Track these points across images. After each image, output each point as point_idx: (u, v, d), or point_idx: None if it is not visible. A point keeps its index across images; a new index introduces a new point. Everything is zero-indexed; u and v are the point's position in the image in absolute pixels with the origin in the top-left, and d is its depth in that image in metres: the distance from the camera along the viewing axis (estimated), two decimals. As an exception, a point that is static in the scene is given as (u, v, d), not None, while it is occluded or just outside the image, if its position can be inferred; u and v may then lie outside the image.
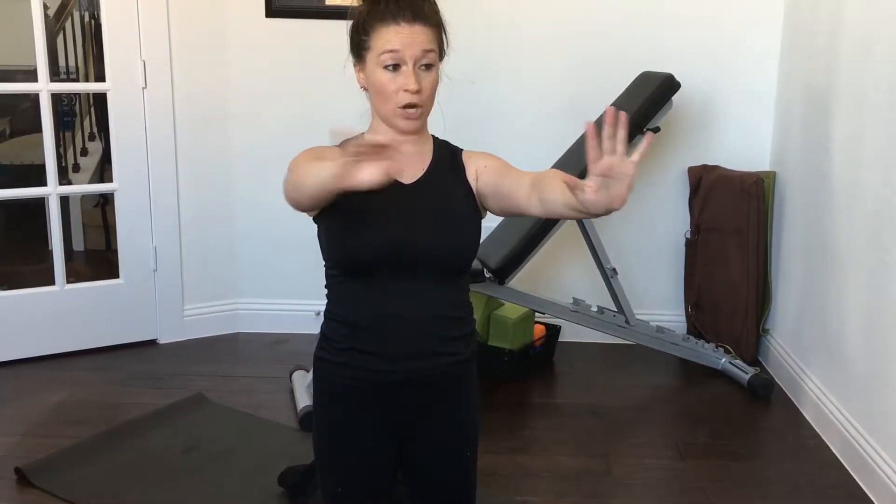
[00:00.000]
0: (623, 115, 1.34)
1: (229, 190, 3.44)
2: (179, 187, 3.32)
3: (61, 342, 3.23)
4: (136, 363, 3.18)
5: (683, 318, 3.44)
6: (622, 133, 1.34)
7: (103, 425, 2.60)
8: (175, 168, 3.30)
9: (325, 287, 1.70)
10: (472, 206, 1.70)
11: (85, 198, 4.96)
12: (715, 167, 3.28)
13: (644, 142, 1.39)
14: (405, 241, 1.57)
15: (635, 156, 1.38)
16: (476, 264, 2.88)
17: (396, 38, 1.53)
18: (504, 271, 2.79)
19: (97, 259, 4.67)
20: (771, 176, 3.17)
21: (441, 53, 1.59)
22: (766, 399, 2.91)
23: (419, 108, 1.56)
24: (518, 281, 3.00)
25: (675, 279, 3.43)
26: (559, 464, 2.09)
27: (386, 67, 1.54)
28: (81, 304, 3.25)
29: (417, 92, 1.53)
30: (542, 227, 2.82)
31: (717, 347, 3.14)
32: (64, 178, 4.61)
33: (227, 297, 3.52)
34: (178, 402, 2.78)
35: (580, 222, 2.94)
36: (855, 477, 2.36)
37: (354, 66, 1.61)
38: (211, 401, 2.82)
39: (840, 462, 2.45)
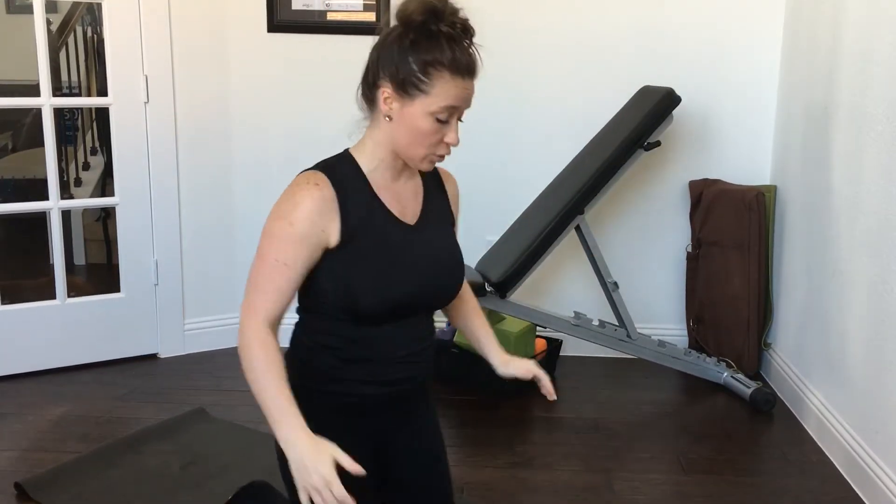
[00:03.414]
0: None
1: (230, 204, 3.44)
2: (181, 201, 3.33)
3: (62, 356, 3.22)
4: (136, 377, 3.17)
5: (685, 332, 3.44)
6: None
7: (104, 440, 2.60)
8: (176, 182, 3.30)
9: (306, 316, 1.66)
10: (453, 223, 1.73)
11: (86, 212, 4.97)
12: (716, 181, 3.28)
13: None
14: (426, 287, 1.59)
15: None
16: (477, 278, 2.88)
17: (461, 94, 1.50)
18: (505, 285, 2.79)
19: (98, 273, 4.67)
20: (772, 190, 3.17)
21: None
22: (768, 413, 2.90)
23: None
24: (519, 295, 3.00)
25: (676, 293, 3.43)
26: (561, 479, 2.08)
27: (437, 119, 1.49)
28: (82, 319, 3.24)
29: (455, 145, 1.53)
30: (544, 241, 2.82)
31: (718, 361, 3.13)
32: (66, 193, 4.62)
33: (227, 311, 3.52)
34: (179, 416, 2.77)
35: (581, 236, 2.94)
36: (858, 492, 2.35)
37: (386, 89, 1.50)
38: (211, 415, 2.81)
39: (843, 477, 2.44)
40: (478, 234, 3.34)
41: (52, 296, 3.20)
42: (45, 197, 3.15)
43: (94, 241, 4.90)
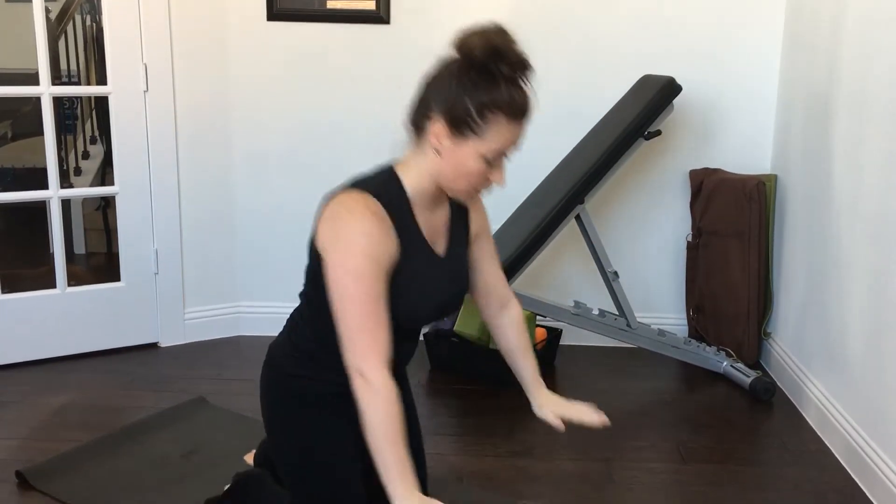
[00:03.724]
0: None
1: (230, 193, 3.44)
2: (181, 190, 3.33)
3: (62, 345, 3.23)
4: (137, 366, 3.18)
5: (685, 322, 3.44)
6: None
7: (105, 428, 2.60)
8: (176, 171, 3.30)
9: (314, 311, 1.67)
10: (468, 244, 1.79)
11: (86, 201, 4.96)
12: (716, 170, 3.27)
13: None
14: (442, 309, 1.66)
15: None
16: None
17: (514, 138, 1.51)
18: (506, 274, 2.78)
19: (98, 262, 4.68)
20: (772, 179, 3.16)
21: None
22: (767, 403, 2.91)
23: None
24: (519, 284, 3.00)
25: (676, 282, 3.43)
26: (560, 468, 2.08)
27: (486, 160, 1.50)
28: (83, 308, 3.25)
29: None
30: (544, 231, 2.81)
31: (718, 351, 3.14)
32: (65, 182, 4.62)
33: (228, 300, 3.53)
34: (180, 405, 2.78)
35: (581, 225, 2.94)
36: (857, 481, 2.36)
37: (437, 124, 1.50)
38: (212, 404, 2.82)
39: (842, 466, 2.45)
40: (478, 224, 3.34)
41: (53, 285, 3.20)
42: (44, 186, 3.15)
43: (93, 231, 4.90)
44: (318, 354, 1.67)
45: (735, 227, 3.15)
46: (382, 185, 1.56)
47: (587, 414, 1.78)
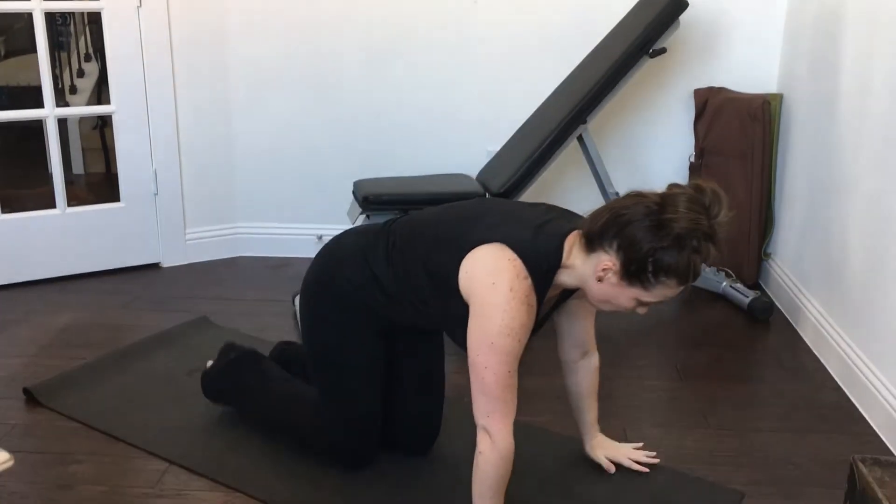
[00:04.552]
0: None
1: (228, 111, 3.40)
2: (178, 109, 3.28)
3: (64, 265, 3.24)
4: (139, 286, 3.20)
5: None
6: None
7: (109, 347, 2.64)
8: (173, 89, 3.25)
9: (384, 269, 1.80)
10: None
11: (83, 120, 4.91)
12: (721, 89, 3.23)
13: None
14: None
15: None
16: (478, 187, 2.87)
17: (674, 294, 1.57)
18: (506, 196, 2.78)
19: (98, 182, 4.66)
20: (778, 98, 3.12)
21: None
22: (765, 322, 2.94)
23: None
24: (520, 205, 2.99)
25: (677, 203, 3.42)
26: (559, 386, 2.11)
27: (639, 303, 1.59)
28: (83, 228, 3.25)
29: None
30: (545, 151, 2.79)
31: (718, 271, 3.15)
32: (61, 100, 4.56)
33: (228, 221, 3.52)
34: (183, 324, 2.80)
35: (583, 146, 2.92)
36: (851, 397, 2.39)
37: (611, 262, 1.56)
38: (215, 324, 2.84)
39: (837, 384, 2.48)
40: (479, 145, 3.32)
41: (52, 205, 3.20)
42: (39, 105, 3.11)
43: (92, 151, 4.87)
44: (391, 295, 1.80)
45: (738, 147, 3.12)
46: (544, 262, 1.61)
47: (636, 455, 2.01)
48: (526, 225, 1.64)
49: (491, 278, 1.56)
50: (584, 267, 1.60)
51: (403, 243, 1.77)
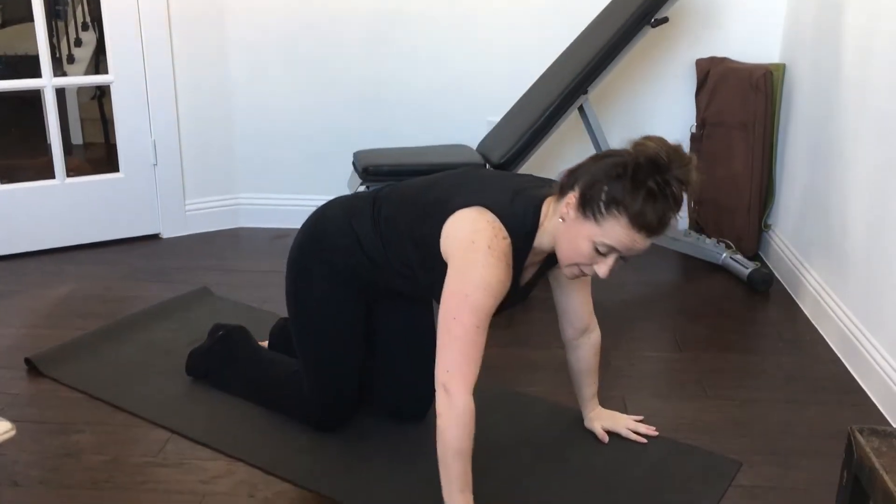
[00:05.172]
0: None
1: (227, 82, 3.37)
2: (176, 79, 3.26)
3: (63, 236, 3.24)
4: (139, 257, 3.20)
5: (686, 214, 3.44)
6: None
7: (110, 318, 2.64)
8: (171, 59, 3.23)
9: (369, 227, 1.81)
10: None
11: (81, 90, 4.88)
12: (723, 59, 3.20)
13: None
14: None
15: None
16: (478, 158, 2.86)
17: (628, 243, 1.53)
18: (506, 167, 2.77)
19: (97, 153, 4.64)
20: (780, 68, 3.10)
21: None
22: (765, 294, 2.94)
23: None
24: (520, 176, 2.98)
25: (678, 174, 3.40)
26: (557, 356, 2.12)
27: (596, 248, 1.54)
28: (82, 198, 3.24)
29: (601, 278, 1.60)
30: (546, 122, 2.77)
31: (718, 242, 3.15)
32: (58, 70, 4.53)
33: (227, 191, 3.52)
34: (184, 295, 2.81)
35: (584, 117, 2.90)
36: (849, 369, 2.40)
37: (573, 196, 1.56)
38: (216, 294, 2.85)
39: (836, 355, 2.49)
40: (479, 115, 3.30)
41: (51, 176, 3.19)
42: (37, 74, 3.08)
43: (90, 121, 4.85)
44: (376, 261, 1.82)
45: (740, 118, 3.10)
46: (521, 224, 1.63)
47: (635, 426, 2.03)
48: (505, 190, 1.67)
49: (470, 237, 1.58)
50: (555, 218, 1.61)
51: (389, 212, 1.79)
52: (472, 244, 1.57)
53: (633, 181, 1.49)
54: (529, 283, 1.80)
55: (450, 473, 1.57)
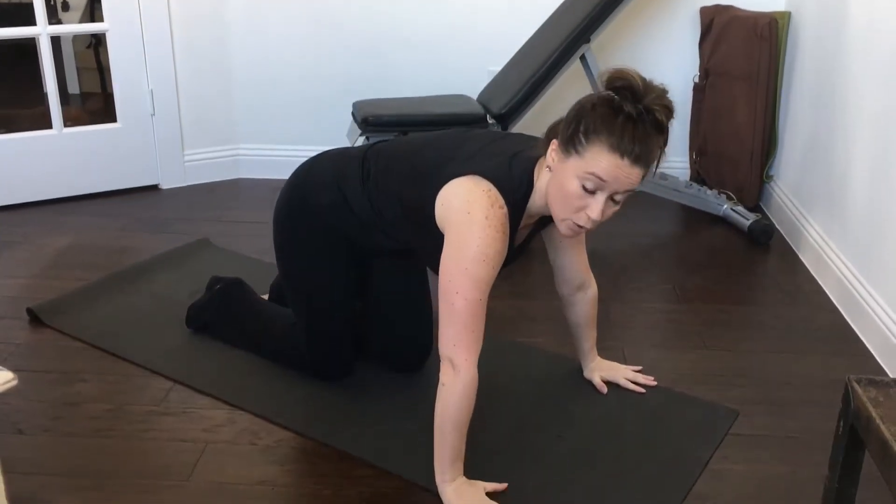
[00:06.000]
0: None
1: (224, 30, 3.33)
2: (173, 26, 3.22)
3: (62, 187, 3.23)
4: (138, 208, 3.19)
5: (687, 165, 3.42)
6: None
7: (110, 269, 2.64)
8: (167, 6, 3.18)
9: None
10: None
11: (77, 39, 4.82)
12: (728, 7, 3.16)
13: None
14: None
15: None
16: (479, 110, 2.83)
17: (612, 171, 1.48)
18: (507, 117, 2.75)
19: (94, 102, 4.60)
20: (786, 17, 3.05)
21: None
22: (765, 245, 2.94)
23: (586, 230, 1.57)
24: (521, 128, 2.95)
25: (680, 125, 3.38)
26: (557, 308, 2.13)
27: (584, 186, 1.50)
28: (80, 149, 3.22)
29: (596, 221, 1.53)
30: (547, 72, 2.74)
31: (719, 194, 3.13)
32: (53, 18, 4.46)
33: (227, 142, 3.49)
34: (184, 246, 2.81)
35: (586, 66, 2.87)
36: (848, 320, 2.41)
37: (556, 141, 1.53)
38: (216, 245, 2.85)
39: (835, 306, 2.50)
40: (480, 65, 3.26)
41: (48, 125, 3.16)
42: (31, 22, 3.04)
43: (87, 70, 4.79)
44: (361, 217, 1.81)
45: (743, 68, 3.06)
46: (516, 188, 1.60)
47: (633, 376, 2.04)
48: (500, 155, 1.64)
49: (467, 207, 1.56)
50: (544, 171, 1.60)
51: (378, 173, 1.78)
52: (468, 215, 1.55)
53: (611, 108, 1.47)
54: (523, 243, 1.79)
55: (445, 443, 1.59)
